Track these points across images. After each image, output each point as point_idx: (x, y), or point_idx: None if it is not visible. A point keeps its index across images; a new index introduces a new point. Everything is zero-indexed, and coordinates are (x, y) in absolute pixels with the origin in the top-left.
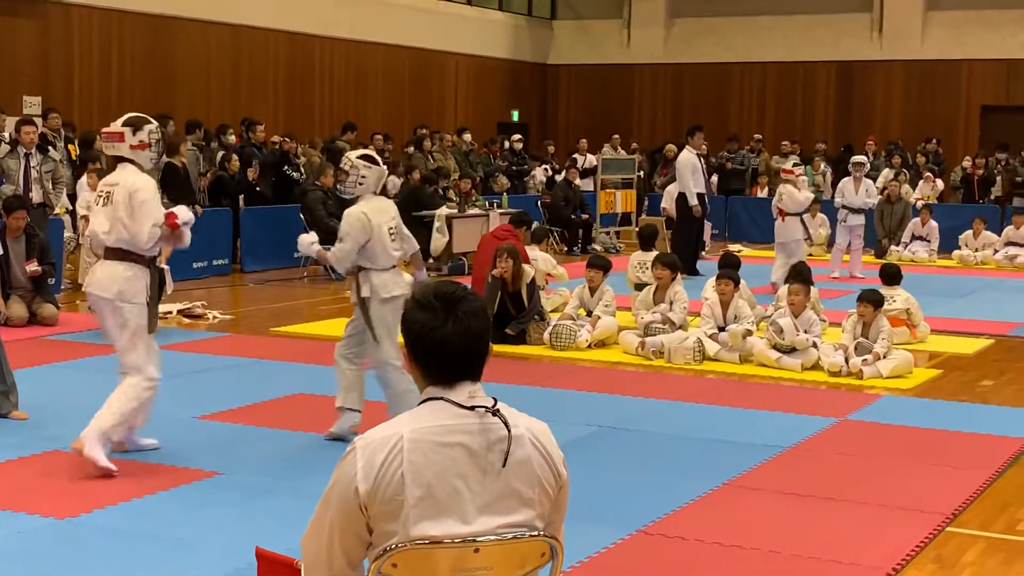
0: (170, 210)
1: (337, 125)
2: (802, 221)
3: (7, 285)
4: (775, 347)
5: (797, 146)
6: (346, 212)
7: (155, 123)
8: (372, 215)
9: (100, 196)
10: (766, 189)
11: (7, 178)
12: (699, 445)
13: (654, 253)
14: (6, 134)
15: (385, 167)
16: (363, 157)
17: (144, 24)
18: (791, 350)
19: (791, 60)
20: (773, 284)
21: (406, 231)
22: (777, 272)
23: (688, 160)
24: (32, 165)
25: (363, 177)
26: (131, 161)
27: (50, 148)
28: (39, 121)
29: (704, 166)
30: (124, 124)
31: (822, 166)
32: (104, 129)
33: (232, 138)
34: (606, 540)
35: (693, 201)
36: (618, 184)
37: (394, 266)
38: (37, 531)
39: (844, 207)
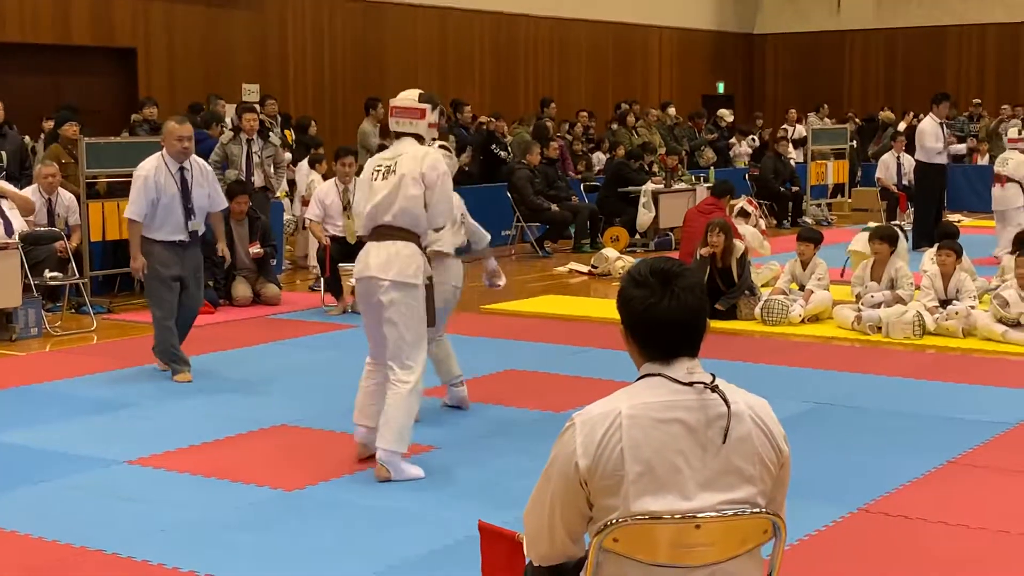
0: None
1: None
2: (1023, 188)
3: (233, 267)
4: (1000, 320)
5: (1021, 110)
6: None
7: None
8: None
9: (377, 171)
10: (987, 157)
11: (231, 163)
12: (920, 422)
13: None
14: (229, 120)
15: (456, 160)
16: (442, 147)
17: (354, 10)
18: (1017, 323)
19: (1012, 21)
20: (997, 256)
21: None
22: (1002, 243)
23: (931, 128)
24: (254, 151)
25: None
26: (421, 139)
27: (270, 134)
28: (258, 108)
29: (945, 136)
30: (422, 100)
31: None
32: (396, 103)
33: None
34: (826, 518)
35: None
36: (829, 155)
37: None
38: (266, 502)
39: None
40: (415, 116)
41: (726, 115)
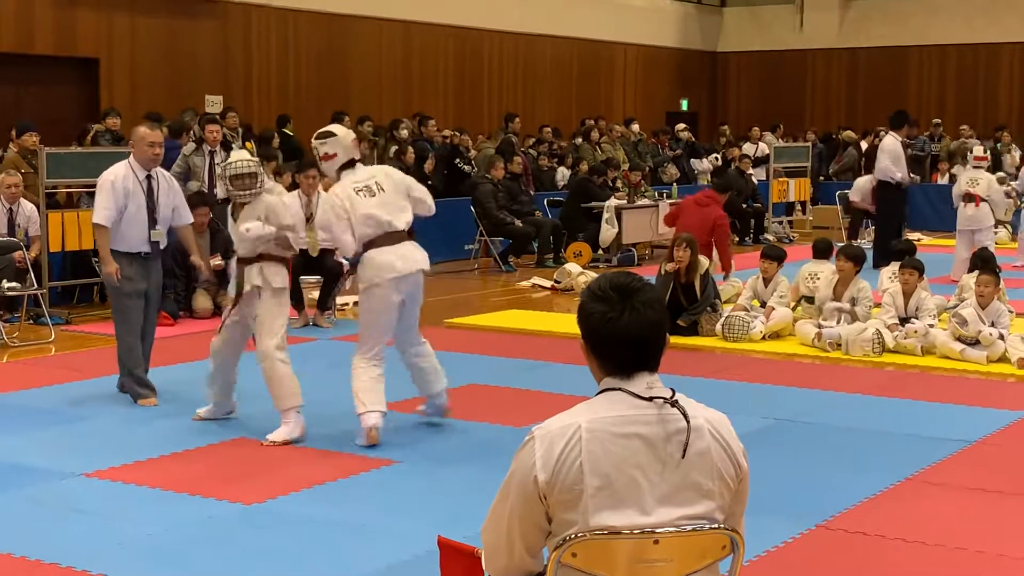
0: None
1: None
2: (992, 208)
3: (193, 279)
4: (959, 339)
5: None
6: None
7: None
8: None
9: (362, 189)
10: (947, 176)
11: (193, 175)
12: (879, 439)
13: (825, 264)
14: (192, 132)
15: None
16: (263, 157)
17: (319, 22)
18: (976, 342)
19: (972, 42)
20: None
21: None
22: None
23: (892, 147)
24: (216, 163)
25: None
26: None
27: (233, 146)
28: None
29: (906, 155)
30: None
31: (1013, 149)
32: None
33: (404, 132)
34: (785, 535)
35: (900, 178)
36: (791, 172)
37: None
38: (225, 516)
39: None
40: None
41: (681, 128)
